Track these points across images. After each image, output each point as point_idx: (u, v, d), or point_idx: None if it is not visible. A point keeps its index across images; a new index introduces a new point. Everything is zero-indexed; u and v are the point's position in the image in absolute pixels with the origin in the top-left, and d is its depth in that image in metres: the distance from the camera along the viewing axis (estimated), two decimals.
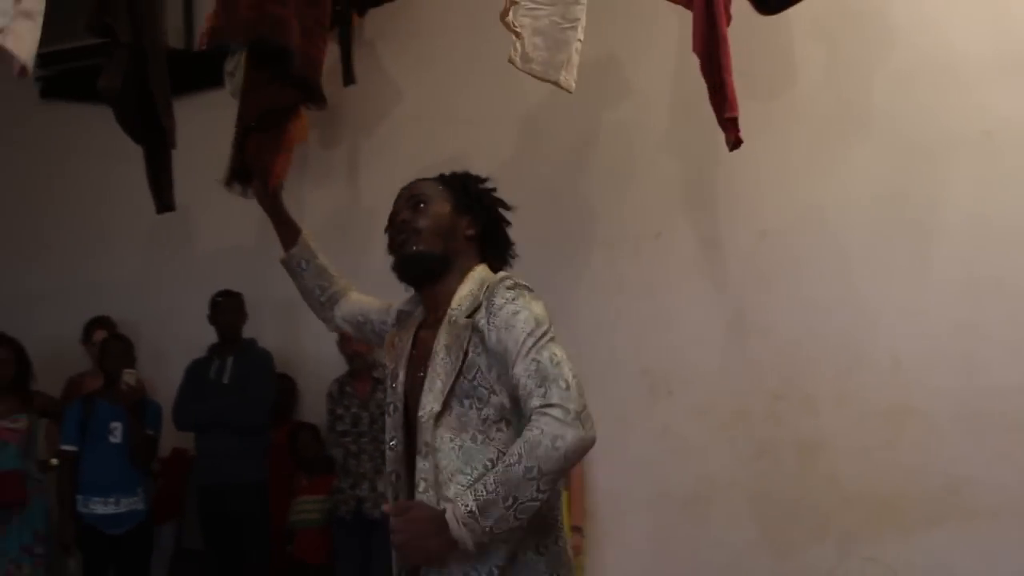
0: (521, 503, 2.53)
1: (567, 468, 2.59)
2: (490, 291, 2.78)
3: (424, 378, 2.81)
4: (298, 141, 6.16)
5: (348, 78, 6.16)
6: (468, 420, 2.72)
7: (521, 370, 2.63)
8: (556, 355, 2.64)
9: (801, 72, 5.70)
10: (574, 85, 5.05)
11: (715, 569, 5.63)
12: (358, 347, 6.20)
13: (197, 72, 6.61)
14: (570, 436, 2.52)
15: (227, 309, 6.53)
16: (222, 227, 7.01)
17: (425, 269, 2.94)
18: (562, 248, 6.11)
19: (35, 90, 7.69)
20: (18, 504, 6.34)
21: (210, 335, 6.56)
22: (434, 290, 2.94)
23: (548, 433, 2.52)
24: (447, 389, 2.73)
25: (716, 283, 5.80)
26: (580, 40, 4.91)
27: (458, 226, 2.97)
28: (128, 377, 6.30)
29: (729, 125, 4.84)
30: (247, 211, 6.36)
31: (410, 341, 2.99)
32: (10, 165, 7.77)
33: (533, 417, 2.57)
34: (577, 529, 5.73)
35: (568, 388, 2.58)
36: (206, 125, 5.97)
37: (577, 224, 6.11)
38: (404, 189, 3.07)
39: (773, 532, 5.55)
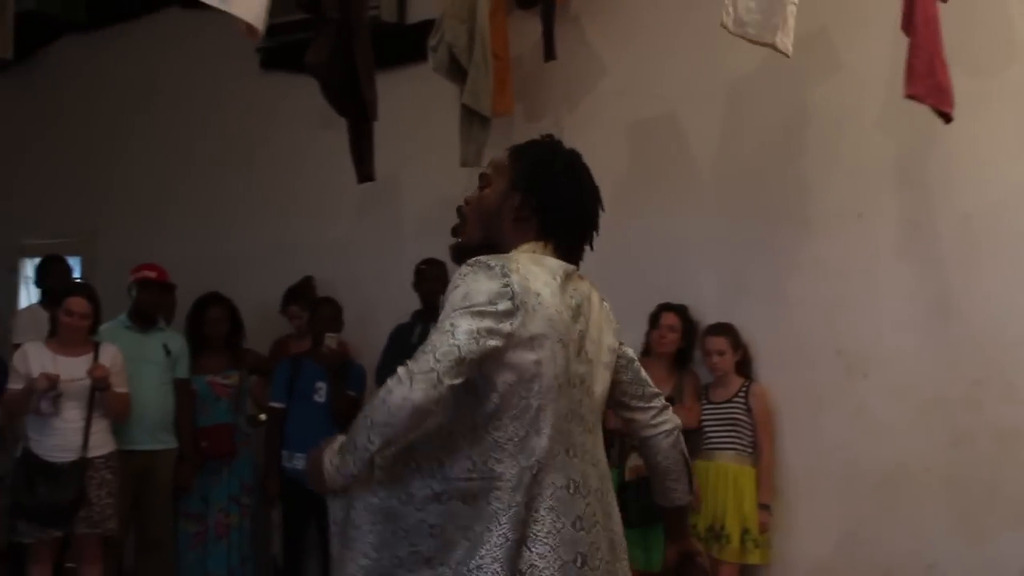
0: (357, 450, 2.65)
1: (395, 424, 2.58)
2: None
3: None
4: (503, 114, 6.43)
5: (549, 54, 6.33)
6: None
7: None
8: (455, 324, 2.61)
9: (1018, 50, 5.65)
10: (791, 48, 5.07)
11: (905, 553, 5.66)
12: None
13: (406, 46, 6.90)
14: (396, 392, 2.56)
15: (431, 277, 6.76)
16: (427, 197, 7.27)
17: (470, 255, 2.86)
18: (762, 226, 6.20)
19: (256, 61, 8.14)
20: (228, 456, 6.81)
21: (414, 301, 6.85)
22: None
23: (386, 387, 2.58)
24: None
25: (918, 265, 5.80)
26: (795, 3, 4.95)
27: (504, 207, 2.92)
28: (329, 341, 6.63)
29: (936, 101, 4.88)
30: (452, 182, 6.67)
31: None
32: (230, 131, 8.24)
33: None
34: (765, 507, 5.85)
35: (430, 352, 2.58)
36: (412, 97, 6.27)
37: (778, 202, 6.17)
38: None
39: (967, 519, 5.55)
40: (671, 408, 3.18)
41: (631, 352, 3.15)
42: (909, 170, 5.84)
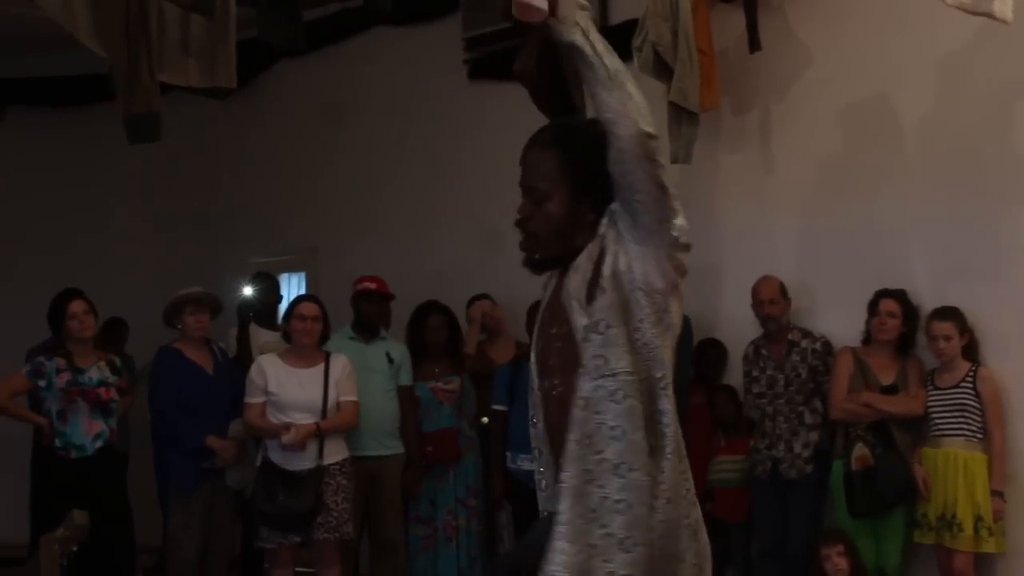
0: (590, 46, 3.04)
1: (613, 87, 2.96)
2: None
3: (556, 332, 3.00)
4: (710, 108, 6.54)
5: (754, 45, 6.47)
6: (610, 338, 2.86)
7: None
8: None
9: None
10: (1011, 15, 5.11)
11: None
12: (772, 310, 6.48)
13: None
14: (637, 118, 2.87)
15: None
16: None
17: (550, 268, 3.09)
18: (981, 205, 6.18)
19: (464, 72, 8.42)
20: (453, 459, 7.10)
21: None
22: None
23: (631, 108, 2.90)
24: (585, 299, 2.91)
25: None
26: None
27: (576, 219, 3.01)
28: None
29: None
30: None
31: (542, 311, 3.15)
32: (440, 142, 8.55)
33: None
34: (998, 494, 5.82)
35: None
36: None
37: (996, 180, 6.13)
38: (522, 161, 3.17)
39: None
40: None
41: None
42: None
